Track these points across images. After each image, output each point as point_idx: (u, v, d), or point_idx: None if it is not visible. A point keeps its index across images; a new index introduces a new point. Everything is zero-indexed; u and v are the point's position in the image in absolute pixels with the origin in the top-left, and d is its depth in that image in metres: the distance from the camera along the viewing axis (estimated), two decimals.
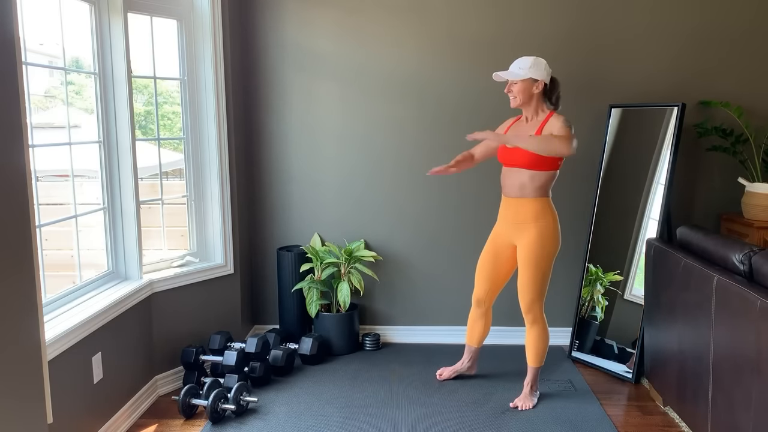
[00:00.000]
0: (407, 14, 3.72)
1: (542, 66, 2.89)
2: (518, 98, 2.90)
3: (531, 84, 2.89)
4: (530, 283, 2.96)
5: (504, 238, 3.07)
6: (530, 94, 2.90)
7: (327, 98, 3.82)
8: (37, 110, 3.29)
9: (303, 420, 2.93)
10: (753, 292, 2.15)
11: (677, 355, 2.79)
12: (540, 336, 3.05)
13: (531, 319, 3.03)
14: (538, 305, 3.00)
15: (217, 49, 3.37)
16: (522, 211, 2.94)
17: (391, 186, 3.86)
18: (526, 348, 3.10)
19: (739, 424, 2.24)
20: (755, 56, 3.64)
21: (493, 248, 3.12)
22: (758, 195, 3.43)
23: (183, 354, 3.25)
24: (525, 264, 2.96)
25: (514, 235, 3.01)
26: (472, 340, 3.31)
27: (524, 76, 2.86)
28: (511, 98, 2.93)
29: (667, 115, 3.42)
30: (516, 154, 2.91)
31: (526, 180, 2.91)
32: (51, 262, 3.35)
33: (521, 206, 2.94)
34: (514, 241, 3.03)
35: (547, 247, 2.94)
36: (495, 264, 3.12)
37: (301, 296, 3.81)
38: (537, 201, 2.92)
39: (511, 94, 2.92)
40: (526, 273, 2.96)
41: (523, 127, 2.97)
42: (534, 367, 3.09)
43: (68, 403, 2.43)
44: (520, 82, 2.88)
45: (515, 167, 2.93)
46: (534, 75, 2.87)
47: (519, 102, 2.91)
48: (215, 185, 3.47)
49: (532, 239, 2.93)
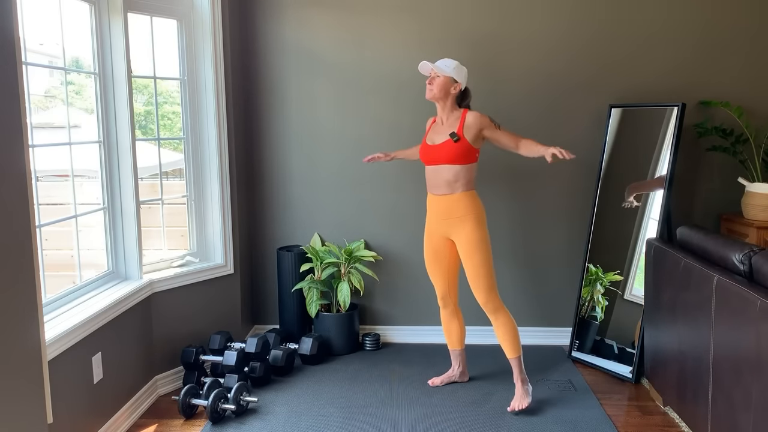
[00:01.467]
0: (407, 15, 3.72)
1: (464, 72, 3.06)
2: (434, 90, 3.02)
3: (450, 83, 3.02)
4: (479, 273, 3.01)
5: (438, 235, 3.14)
6: (447, 92, 3.03)
7: (327, 98, 3.82)
8: (37, 110, 3.29)
9: (303, 420, 2.93)
10: (753, 292, 2.15)
11: (677, 355, 2.79)
12: (507, 323, 3.06)
13: (492, 309, 3.05)
14: (493, 293, 3.04)
15: (217, 49, 3.37)
16: (455, 207, 3.03)
17: (391, 186, 3.86)
18: (500, 341, 3.09)
19: (739, 424, 2.24)
20: (755, 56, 3.64)
21: (432, 246, 3.19)
22: (758, 195, 3.43)
23: (183, 354, 3.25)
24: (469, 256, 3.01)
25: (448, 231, 3.09)
26: (453, 342, 3.33)
27: (448, 73, 3.00)
28: (428, 89, 3.04)
29: (667, 115, 3.42)
30: (439, 152, 3.01)
31: (452, 176, 3.01)
32: (51, 262, 3.35)
33: (453, 202, 3.03)
34: (450, 236, 3.10)
35: (484, 235, 3.03)
36: (439, 259, 3.19)
37: (301, 296, 3.81)
38: (467, 194, 3.03)
39: (430, 86, 3.03)
40: (473, 264, 3.01)
41: (441, 128, 3.08)
42: (515, 358, 3.07)
43: (68, 403, 2.43)
44: (443, 76, 3.01)
45: (439, 164, 3.02)
46: (456, 76, 3.02)
47: (434, 94, 3.02)
48: (215, 185, 3.48)
49: (469, 231, 3.01)
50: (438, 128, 3.10)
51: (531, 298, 3.89)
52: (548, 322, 3.90)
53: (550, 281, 3.87)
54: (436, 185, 3.07)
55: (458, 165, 3.00)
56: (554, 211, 3.81)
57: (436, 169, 3.05)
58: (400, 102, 3.79)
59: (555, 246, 3.83)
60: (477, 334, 3.76)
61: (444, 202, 3.05)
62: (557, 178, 3.77)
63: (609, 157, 3.62)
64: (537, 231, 3.84)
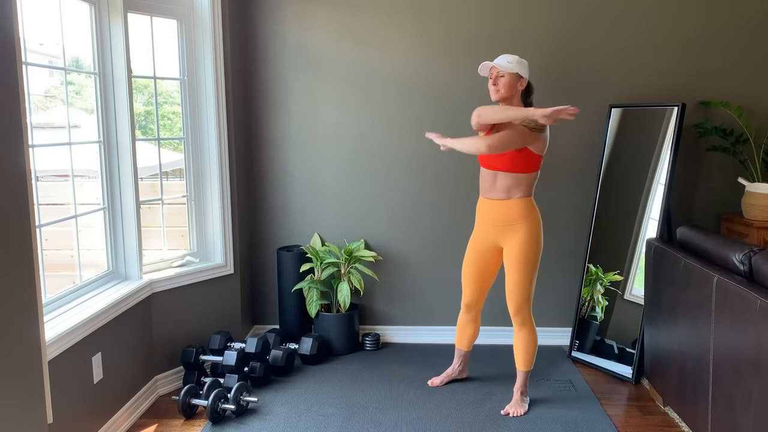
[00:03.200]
0: (406, 14, 3.72)
1: (526, 65, 2.90)
2: (502, 91, 2.85)
3: (516, 80, 2.86)
4: (520, 284, 2.93)
5: (487, 241, 3.03)
6: (515, 89, 2.87)
7: (327, 98, 3.82)
8: (37, 110, 3.29)
9: (303, 420, 2.93)
10: (753, 292, 2.15)
11: (677, 355, 2.79)
12: (529, 338, 3.02)
13: (520, 321, 3.00)
14: (527, 307, 2.97)
15: (217, 49, 3.37)
16: (510, 213, 2.91)
17: (392, 186, 3.86)
18: (516, 351, 3.06)
19: (739, 423, 2.24)
20: (755, 56, 3.64)
21: (477, 252, 3.08)
22: (758, 195, 3.43)
23: (183, 354, 3.25)
24: (515, 265, 2.93)
25: (499, 238, 2.98)
26: (462, 343, 3.30)
27: (512, 69, 2.83)
28: (494, 90, 2.87)
29: (667, 115, 3.42)
30: (498, 159, 2.88)
31: (511, 183, 2.89)
32: (51, 262, 3.35)
33: (509, 207, 2.91)
34: (500, 243, 2.99)
35: (536, 247, 2.92)
36: (480, 268, 3.09)
37: (301, 296, 3.81)
38: (524, 201, 2.91)
39: (495, 87, 2.86)
40: (516, 274, 2.93)
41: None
42: (524, 371, 3.06)
43: (68, 403, 2.43)
44: (507, 75, 2.84)
45: (498, 171, 2.90)
46: (521, 71, 2.86)
47: (502, 95, 2.86)
48: (215, 185, 3.47)
49: (522, 240, 2.91)
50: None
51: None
52: (548, 322, 3.90)
53: (550, 281, 3.87)
54: (492, 190, 2.93)
55: (518, 173, 2.87)
56: (554, 210, 3.81)
57: (494, 174, 2.92)
58: (402, 100, 3.79)
59: (555, 246, 3.83)
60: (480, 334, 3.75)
61: (498, 207, 2.93)
62: (557, 178, 3.77)
63: (609, 157, 3.62)
64: None
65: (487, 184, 2.96)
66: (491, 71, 2.89)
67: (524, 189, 2.90)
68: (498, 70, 2.86)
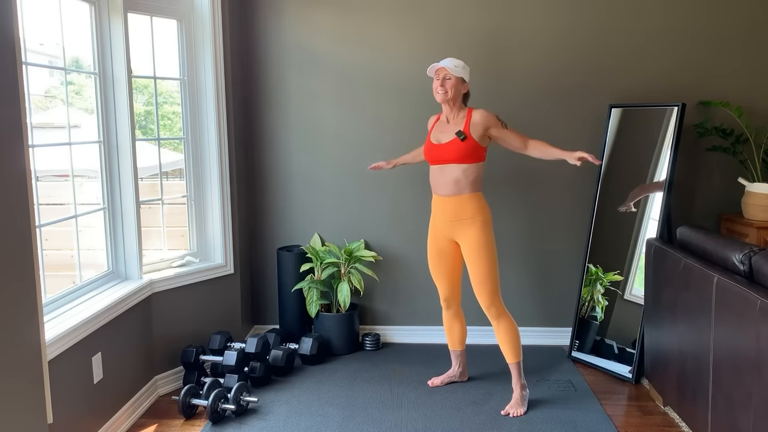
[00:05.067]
0: (406, 15, 3.72)
1: (468, 71, 3.03)
2: (450, 92, 2.95)
3: (461, 83, 2.98)
4: (484, 276, 2.97)
5: (443, 236, 3.10)
6: (459, 92, 2.99)
7: (327, 98, 3.82)
8: (37, 110, 3.29)
9: (303, 420, 2.93)
10: (753, 292, 2.15)
11: (677, 355, 2.79)
12: (509, 328, 3.04)
13: (495, 314, 3.02)
14: (497, 297, 3.01)
15: (217, 49, 3.37)
16: (462, 208, 2.98)
17: (392, 186, 3.86)
18: (501, 345, 3.07)
19: (739, 424, 2.24)
20: (755, 56, 3.64)
21: (436, 248, 3.14)
22: (758, 195, 3.43)
23: (183, 354, 3.25)
24: (475, 259, 2.98)
25: (453, 233, 3.04)
26: (454, 343, 3.32)
27: (459, 73, 2.95)
28: (441, 92, 2.96)
29: (667, 115, 3.42)
30: (445, 151, 2.96)
31: (459, 175, 2.95)
32: (51, 262, 3.35)
33: (460, 203, 2.97)
34: (455, 238, 3.06)
35: (489, 237, 2.99)
36: (443, 261, 3.15)
37: (301, 296, 3.81)
38: (474, 196, 2.98)
39: (443, 89, 2.95)
40: (478, 267, 2.97)
41: (447, 126, 3.03)
42: (514, 363, 3.06)
43: (68, 403, 2.43)
44: (455, 78, 2.95)
45: (446, 164, 2.97)
46: (465, 76, 2.98)
47: (450, 96, 2.95)
48: (215, 185, 3.48)
49: (476, 233, 2.97)
50: (443, 127, 3.06)
51: (531, 298, 3.89)
52: (548, 322, 3.90)
53: (550, 281, 3.87)
54: (442, 185, 3.01)
55: (465, 164, 2.95)
56: (554, 211, 3.81)
57: (442, 169, 3.00)
58: (401, 101, 3.79)
59: (555, 246, 3.83)
60: (477, 334, 3.76)
61: (450, 203, 3.00)
62: (557, 178, 3.77)
63: (609, 157, 3.62)
64: (537, 231, 3.83)
65: (436, 179, 3.04)
66: (438, 72, 2.99)
67: (473, 183, 2.98)
68: (446, 72, 2.96)
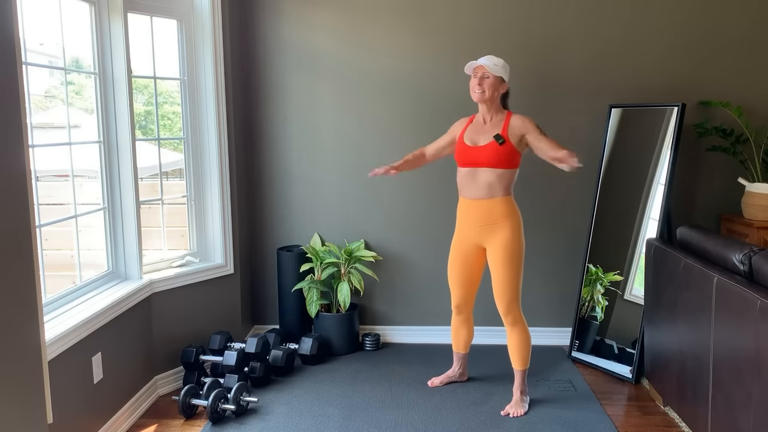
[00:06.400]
0: (406, 15, 3.72)
1: (509, 70, 2.94)
2: (487, 92, 2.86)
3: (500, 83, 2.90)
4: (507, 283, 2.92)
5: (471, 242, 3.01)
6: (498, 92, 2.90)
7: (327, 98, 3.82)
8: (37, 110, 3.29)
9: (303, 420, 2.93)
10: (753, 292, 2.15)
11: (677, 355, 2.79)
12: (522, 337, 3.01)
13: (511, 321, 2.99)
14: (516, 305, 2.96)
15: (217, 49, 3.37)
16: (492, 212, 2.90)
17: (392, 186, 3.86)
18: (510, 351, 3.05)
19: (739, 424, 2.24)
20: (755, 56, 3.64)
21: (461, 253, 3.06)
22: (758, 195, 3.43)
23: (183, 354, 3.25)
24: (501, 264, 2.92)
25: (482, 238, 2.97)
26: (459, 346, 3.30)
27: (498, 72, 2.86)
28: (479, 92, 2.87)
29: (667, 115, 3.42)
30: (480, 154, 2.88)
31: (493, 180, 2.87)
32: (51, 262, 3.35)
33: (491, 207, 2.90)
34: (483, 243, 2.98)
35: (519, 244, 2.93)
36: (466, 269, 3.08)
37: (301, 296, 3.81)
38: (506, 200, 2.91)
39: (480, 87, 2.87)
40: (503, 273, 2.92)
41: (484, 128, 2.95)
42: (521, 370, 3.05)
43: (68, 403, 2.43)
44: (493, 77, 2.86)
45: (480, 167, 2.89)
46: (504, 75, 2.90)
47: (487, 96, 2.87)
48: (215, 185, 3.47)
49: (506, 238, 2.90)
50: (479, 128, 2.96)
51: (531, 298, 3.89)
52: (548, 322, 3.90)
53: (550, 281, 3.87)
54: (473, 189, 2.92)
55: (500, 169, 2.86)
56: (554, 210, 3.81)
57: (474, 172, 2.90)
58: (401, 101, 3.79)
59: (555, 246, 3.83)
60: (478, 334, 3.75)
61: (481, 207, 2.91)
62: (557, 178, 3.77)
63: (609, 157, 3.62)
64: (537, 231, 3.83)
65: (467, 182, 2.95)
66: (476, 71, 2.90)
67: (507, 187, 2.91)
68: (484, 71, 2.87)
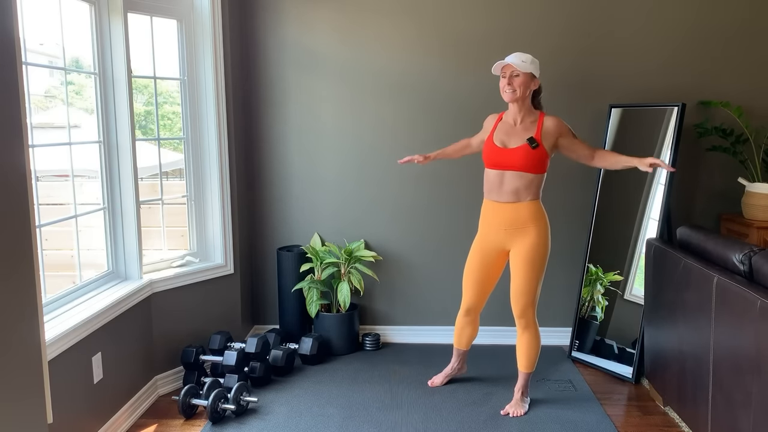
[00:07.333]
0: (406, 15, 3.71)
1: (538, 65, 2.85)
2: (518, 91, 2.77)
3: (530, 80, 2.80)
4: (527, 287, 2.89)
5: (494, 245, 2.96)
6: (528, 90, 2.81)
7: (327, 98, 3.82)
8: (37, 110, 3.29)
9: (303, 420, 2.93)
10: (753, 292, 2.15)
11: (677, 355, 2.79)
12: (532, 341, 3.00)
13: (524, 324, 2.97)
14: (532, 310, 2.94)
15: (217, 49, 3.37)
16: (519, 216, 2.85)
17: (392, 186, 3.86)
18: (518, 353, 3.04)
19: (739, 424, 2.24)
20: (755, 56, 3.64)
21: (482, 256, 3.01)
22: (758, 195, 3.43)
23: (183, 354, 3.25)
24: (523, 267, 2.88)
25: (507, 241, 2.92)
26: (461, 343, 3.29)
27: (528, 69, 2.77)
28: (509, 91, 2.78)
29: (667, 115, 3.42)
30: (511, 157, 2.81)
31: (522, 184, 2.82)
32: (51, 262, 3.35)
33: (518, 211, 2.85)
34: (507, 246, 2.94)
35: (545, 250, 2.89)
36: (484, 271, 3.04)
37: (301, 296, 3.81)
38: (534, 203, 2.86)
39: (510, 87, 2.78)
40: (523, 277, 2.88)
41: (515, 130, 2.87)
42: (526, 373, 3.04)
43: (68, 403, 2.43)
44: (523, 75, 2.77)
45: (510, 170, 2.83)
46: (535, 72, 2.82)
47: (518, 95, 2.78)
48: (215, 185, 3.47)
49: (532, 242, 2.86)
50: (510, 130, 2.87)
51: None
52: (548, 322, 3.90)
53: (550, 281, 3.86)
54: (501, 192, 2.85)
55: (530, 173, 2.80)
56: (554, 211, 3.80)
57: (502, 174, 2.84)
58: (401, 101, 3.79)
59: (555, 246, 3.83)
60: (480, 334, 3.75)
61: (507, 210, 2.86)
62: (557, 179, 3.76)
63: None
64: None
65: (494, 185, 2.89)
66: (504, 70, 2.81)
67: (536, 191, 2.85)
68: (513, 69, 2.78)
